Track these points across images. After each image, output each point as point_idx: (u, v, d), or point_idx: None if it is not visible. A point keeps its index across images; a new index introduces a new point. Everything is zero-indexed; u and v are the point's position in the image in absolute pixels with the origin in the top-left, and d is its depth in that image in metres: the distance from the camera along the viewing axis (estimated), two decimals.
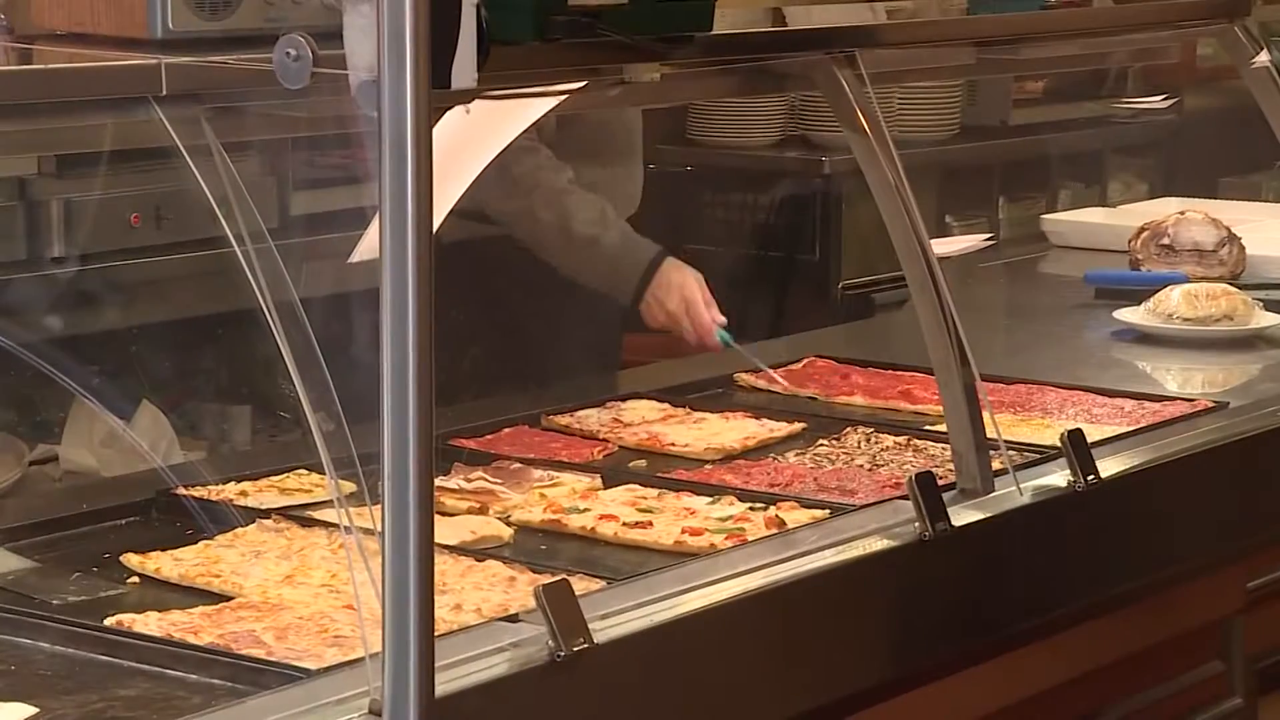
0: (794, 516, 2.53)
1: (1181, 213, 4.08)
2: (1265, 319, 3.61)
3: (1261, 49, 3.41)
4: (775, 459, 2.87)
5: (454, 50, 1.83)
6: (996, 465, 2.67)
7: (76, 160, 3.89)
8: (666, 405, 3.11)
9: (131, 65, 2.04)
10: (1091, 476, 2.70)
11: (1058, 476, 2.71)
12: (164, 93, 2.03)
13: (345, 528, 2.03)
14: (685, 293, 3.44)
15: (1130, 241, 4.06)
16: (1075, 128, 6.29)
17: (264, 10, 2.14)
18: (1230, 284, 3.74)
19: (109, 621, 2.14)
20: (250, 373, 4.13)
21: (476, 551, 2.40)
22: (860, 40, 2.81)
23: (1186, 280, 3.75)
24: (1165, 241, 4.00)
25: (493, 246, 3.47)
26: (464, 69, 1.84)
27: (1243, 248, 3.99)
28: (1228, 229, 4.02)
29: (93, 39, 2.11)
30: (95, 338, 3.83)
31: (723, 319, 3.46)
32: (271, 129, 2.30)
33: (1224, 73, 4.21)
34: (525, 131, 3.18)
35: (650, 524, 2.51)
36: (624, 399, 3.14)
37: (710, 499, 2.62)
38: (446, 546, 2.37)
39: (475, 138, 2.68)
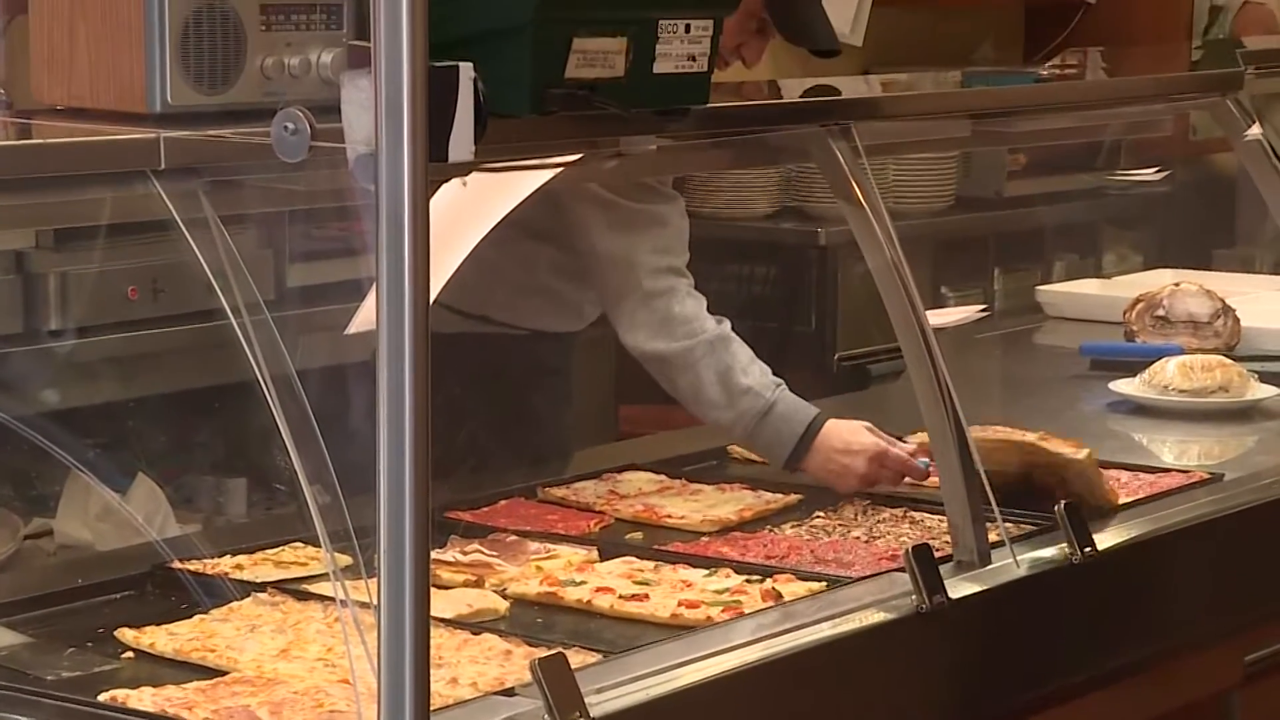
0: (791, 589, 2.53)
1: (1176, 284, 4.09)
2: (1260, 391, 3.61)
3: (1253, 122, 3.43)
4: (771, 531, 2.86)
5: (451, 124, 1.84)
6: (993, 537, 2.67)
7: (74, 234, 3.90)
8: (663, 477, 3.11)
9: (130, 139, 2.05)
10: (1088, 549, 2.70)
11: (1054, 549, 2.71)
12: (162, 167, 2.04)
13: (341, 601, 2.03)
14: (866, 445, 3.05)
15: (1125, 313, 4.07)
16: (1069, 199, 6.31)
17: (262, 84, 2.15)
18: (1225, 356, 3.74)
19: (103, 697, 2.13)
20: (246, 445, 4.13)
21: (472, 625, 2.39)
22: (855, 113, 2.83)
23: (1182, 352, 3.76)
24: (1160, 313, 4.01)
25: (498, 339, 3.45)
26: (461, 142, 1.85)
27: (1237, 319, 4.00)
28: (1222, 301, 4.02)
29: (92, 114, 2.12)
30: (91, 411, 3.83)
31: (916, 442, 3.06)
32: (269, 202, 2.30)
33: (1216, 145, 4.23)
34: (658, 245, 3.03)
35: (647, 596, 2.50)
36: (620, 471, 3.13)
37: (707, 571, 2.61)
38: (442, 620, 2.36)
39: (472, 209, 2.69)
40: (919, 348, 2.68)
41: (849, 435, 3.05)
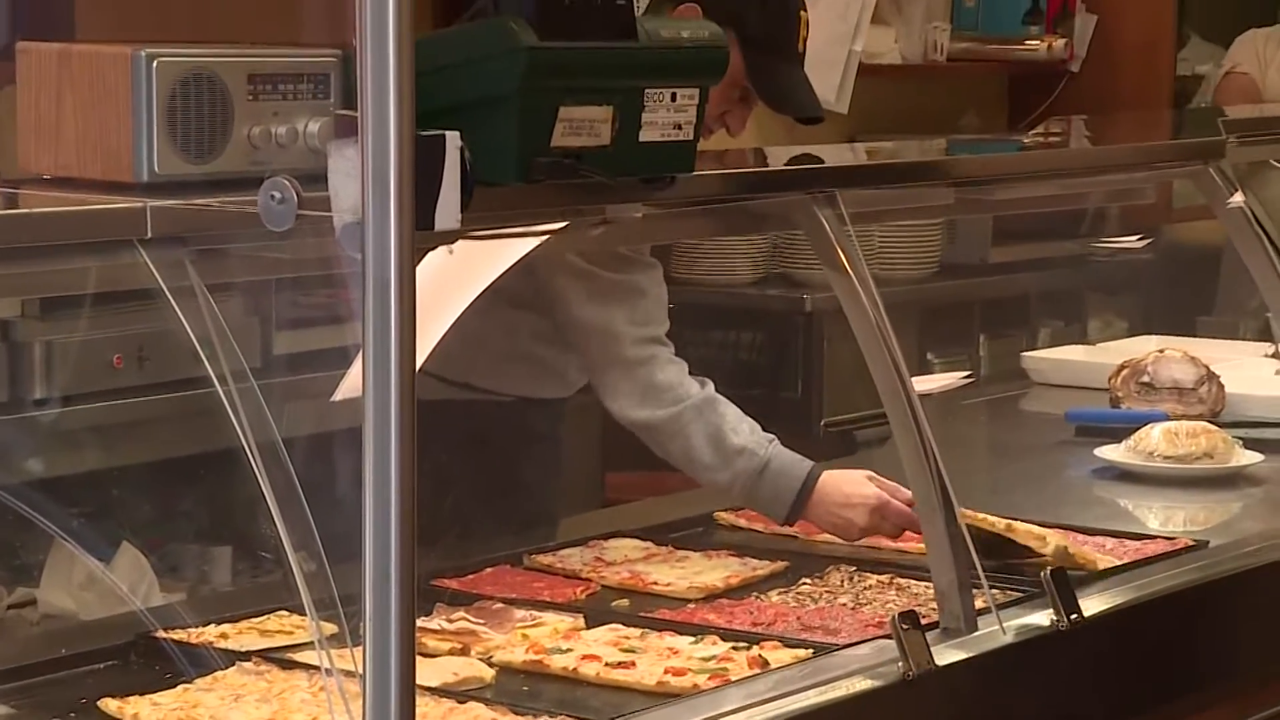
0: (777, 656, 2.52)
1: (1161, 351, 4.10)
2: (1245, 457, 3.62)
3: (1236, 190, 3.45)
4: (758, 598, 2.86)
5: (438, 192, 1.85)
6: (980, 604, 2.66)
7: (60, 302, 3.90)
8: (649, 544, 3.10)
9: (116, 209, 2.05)
10: (1075, 615, 2.69)
11: (1041, 615, 2.70)
12: (149, 235, 2.04)
13: (326, 670, 2.02)
14: (867, 495, 3.08)
15: (1110, 379, 4.08)
16: (1054, 266, 6.34)
17: (249, 153, 2.15)
18: (1210, 422, 3.75)
19: None
20: (231, 513, 4.12)
21: (459, 693, 2.38)
22: (840, 180, 2.84)
23: (1167, 418, 3.77)
24: (1145, 379, 4.02)
25: (482, 406, 3.45)
26: (448, 211, 1.86)
27: (1221, 386, 4.01)
28: (1206, 367, 4.04)
29: (79, 183, 2.13)
30: (76, 479, 3.82)
31: (907, 495, 3.04)
32: (255, 270, 2.30)
33: (1200, 213, 4.25)
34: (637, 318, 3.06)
35: (633, 664, 2.50)
36: (606, 538, 3.13)
37: (693, 639, 2.60)
38: (428, 688, 2.35)
39: (458, 276, 2.69)
40: (905, 414, 2.68)
41: (848, 487, 3.08)
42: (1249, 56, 6.36)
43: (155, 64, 2.08)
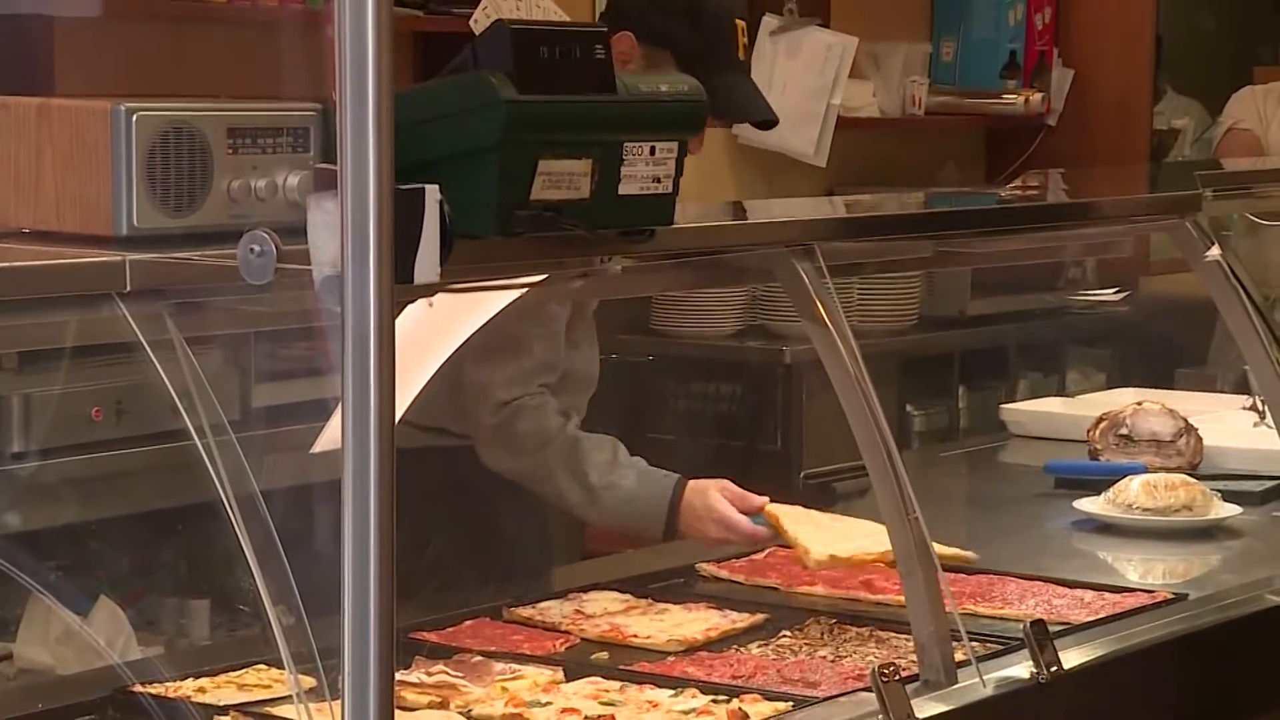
0: (757, 709, 2.52)
1: (1139, 403, 4.11)
2: (1224, 510, 3.62)
3: (1212, 244, 3.46)
4: (738, 650, 2.85)
5: (417, 246, 1.85)
6: (959, 656, 2.66)
7: (38, 355, 3.89)
8: (629, 596, 3.10)
9: (95, 263, 2.05)
10: (1054, 667, 2.69)
11: (1020, 667, 2.70)
12: (127, 289, 2.04)
13: None
14: (716, 514, 3.26)
15: (1089, 431, 4.09)
16: (1032, 318, 6.36)
17: (228, 207, 2.15)
18: (1189, 475, 3.76)
19: None
20: (209, 566, 4.11)
21: None
22: (819, 233, 2.85)
23: (1145, 471, 3.77)
24: (1123, 432, 4.03)
25: (457, 451, 3.46)
26: (427, 264, 1.86)
27: (1200, 438, 4.02)
28: (1185, 420, 4.04)
29: (57, 237, 2.13)
30: (53, 533, 3.81)
31: (762, 500, 3.27)
32: (235, 323, 2.31)
33: (1177, 266, 4.27)
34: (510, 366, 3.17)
35: (613, 717, 2.49)
36: (586, 590, 3.12)
37: (673, 692, 2.60)
38: None
39: (438, 329, 2.69)
40: (884, 466, 2.68)
41: (701, 501, 3.27)
42: (1249, 112, 6.39)
43: (135, 118, 2.09)
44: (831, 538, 3.09)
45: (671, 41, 3.25)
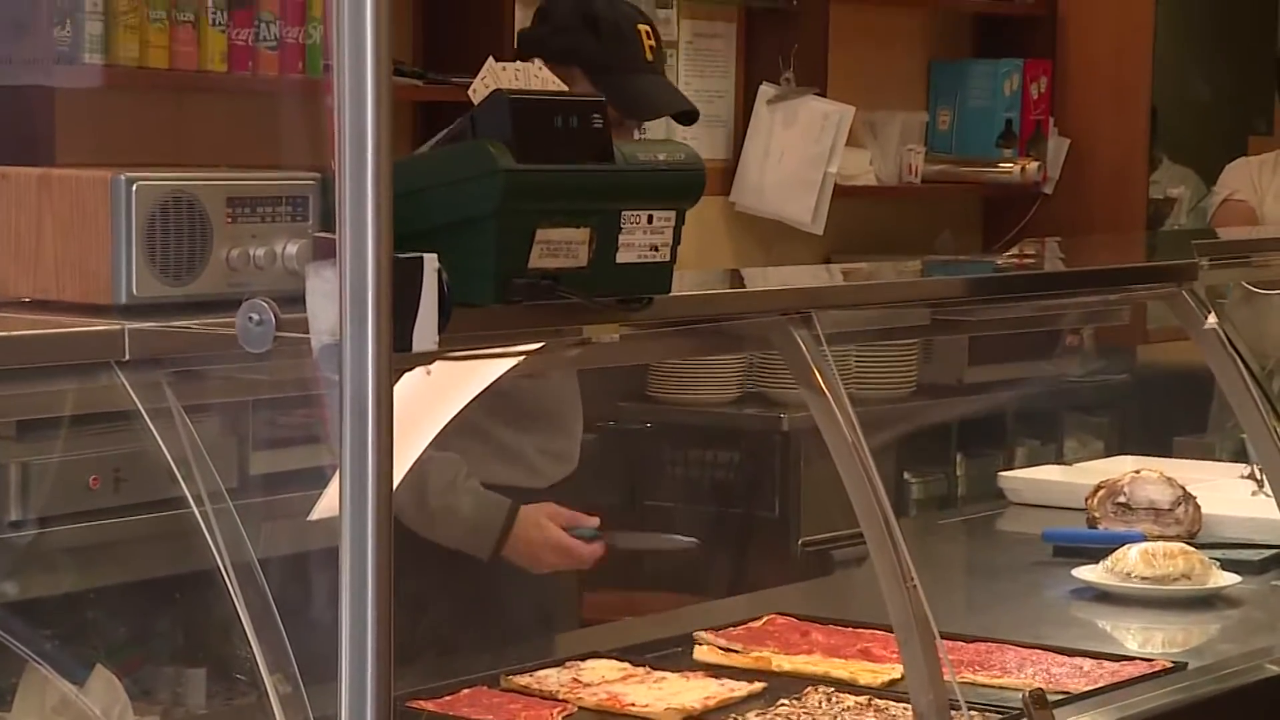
0: None
1: (1137, 471, 4.11)
2: (1223, 579, 3.62)
3: (1209, 312, 3.47)
4: (736, 719, 2.84)
5: (415, 314, 1.86)
6: None
7: (36, 424, 3.89)
8: (626, 664, 3.09)
9: (94, 331, 2.06)
10: None
11: None
12: (126, 358, 2.05)
13: None
14: (551, 541, 3.47)
15: (1087, 500, 4.08)
16: (1029, 386, 6.35)
17: (227, 275, 2.16)
18: (1187, 543, 3.75)
19: None
20: (207, 635, 4.10)
21: None
22: (816, 301, 2.85)
23: (1144, 539, 3.77)
24: (1121, 500, 4.03)
25: None
26: (425, 332, 1.87)
27: (1198, 507, 4.01)
28: (1183, 488, 4.04)
29: (57, 306, 2.13)
30: (50, 602, 3.80)
31: (593, 521, 3.50)
32: (233, 391, 2.31)
33: (1174, 334, 4.28)
34: None
35: None
36: (583, 658, 3.12)
37: None
38: None
39: (436, 396, 2.70)
40: (881, 534, 2.68)
41: (536, 532, 3.44)
42: (1244, 183, 6.41)
43: (135, 187, 2.10)
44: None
45: (578, 55, 3.41)
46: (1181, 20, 8.73)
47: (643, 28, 3.49)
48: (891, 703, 2.88)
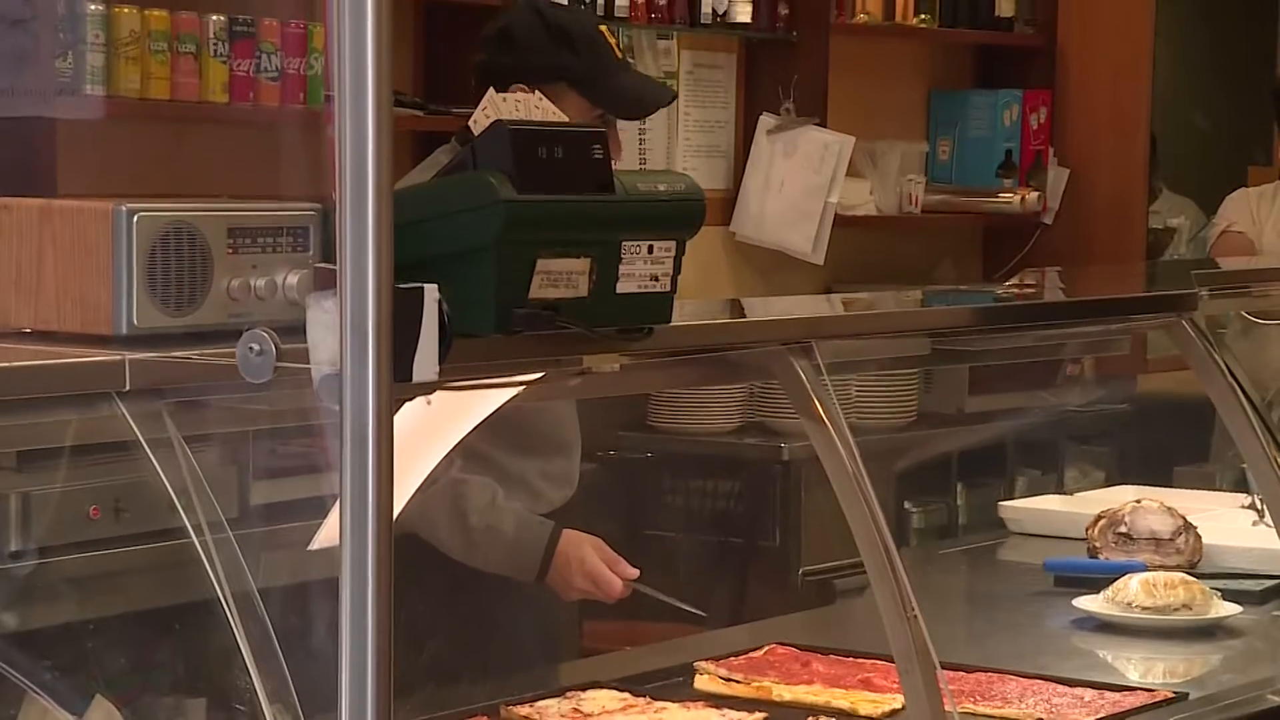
0: None
1: (1138, 501, 4.11)
2: (1224, 609, 3.61)
3: (1209, 342, 3.47)
4: None
5: (416, 344, 1.86)
6: None
7: (37, 454, 3.89)
8: (627, 695, 3.08)
9: (95, 362, 2.06)
10: None
11: None
12: (127, 388, 2.05)
13: None
14: (587, 567, 3.46)
15: (1088, 529, 4.08)
16: (1030, 415, 6.35)
17: (228, 306, 2.16)
18: (1188, 573, 3.75)
19: None
20: (207, 665, 4.09)
21: None
22: (817, 331, 2.86)
23: (1145, 569, 3.76)
24: (1122, 530, 4.02)
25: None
26: (425, 362, 1.87)
27: (1199, 537, 4.01)
28: (1184, 518, 4.04)
29: (58, 336, 2.14)
30: (50, 632, 3.80)
31: (633, 572, 3.49)
32: (233, 422, 2.31)
33: (1174, 364, 4.28)
34: None
35: None
36: (584, 688, 3.11)
37: None
38: None
39: (436, 426, 2.70)
40: (882, 564, 2.68)
41: (575, 551, 3.45)
42: (1243, 215, 6.42)
43: (136, 218, 2.10)
44: None
45: (562, 71, 3.43)
46: (1181, 51, 8.76)
47: (604, 28, 3.54)
48: None
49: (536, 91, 2.50)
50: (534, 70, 3.43)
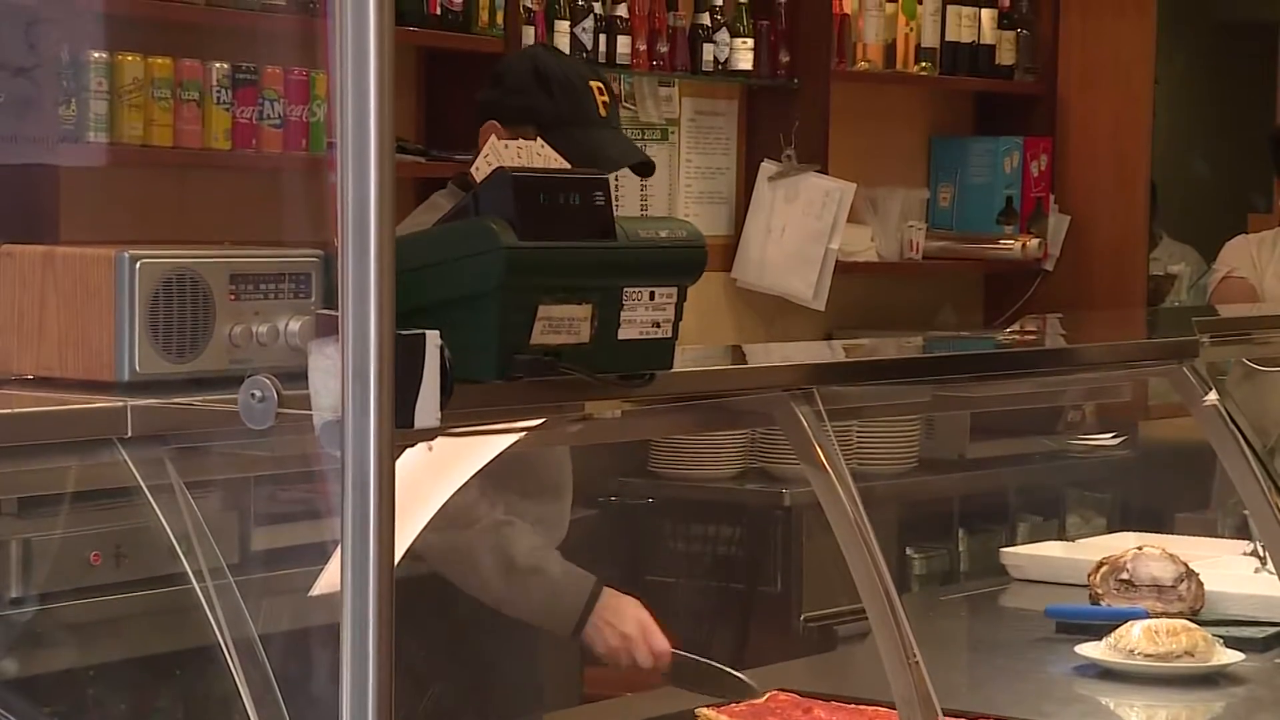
0: None
1: (1140, 548, 4.10)
2: (1226, 656, 3.60)
3: (1210, 389, 3.47)
4: None
5: (417, 391, 1.86)
6: None
7: (38, 500, 3.89)
8: None
9: (97, 408, 2.06)
10: None
11: None
12: (129, 434, 2.05)
13: None
14: (639, 616, 3.44)
15: (1089, 576, 4.07)
16: (1031, 462, 6.35)
17: (230, 352, 2.17)
18: (1190, 620, 3.74)
19: None
20: (207, 711, 4.08)
21: None
22: (818, 378, 2.86)
23: (1147, 616, 3.76)
24: (1124, 576, 4.02)
25: (450, 584, 3.46)
26: (427, 409, 1.87)
27: (1201, 584, 4.00)
28: (1185, 565, 4.03)
29: (60, 383, 2.14)
30: (51, 678, 3.79)
31: (666, 648, 3.45)
32: (235, 468, 2.31)
33: (1175, 410, 4.28)
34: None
35: None
36: None
37: None
38: None
39: (437, 472, 2.70)
40: (884, 610, 2.68)
41: (615, 604, 3.40)
42: (1243, 261, 6.42)
43: (138, 265, 2.10)
44: None
45: (532, 114, 3.45)
46: (1181, 98, 8.79)
47: (594, 84, 3.52)
48: None
49: (539, 139, 2.51)
50: (508, 110, 3.47)
